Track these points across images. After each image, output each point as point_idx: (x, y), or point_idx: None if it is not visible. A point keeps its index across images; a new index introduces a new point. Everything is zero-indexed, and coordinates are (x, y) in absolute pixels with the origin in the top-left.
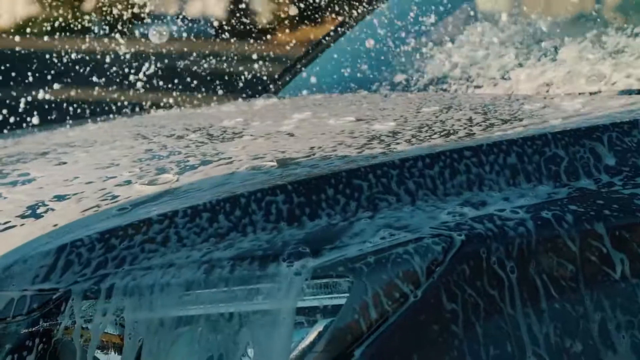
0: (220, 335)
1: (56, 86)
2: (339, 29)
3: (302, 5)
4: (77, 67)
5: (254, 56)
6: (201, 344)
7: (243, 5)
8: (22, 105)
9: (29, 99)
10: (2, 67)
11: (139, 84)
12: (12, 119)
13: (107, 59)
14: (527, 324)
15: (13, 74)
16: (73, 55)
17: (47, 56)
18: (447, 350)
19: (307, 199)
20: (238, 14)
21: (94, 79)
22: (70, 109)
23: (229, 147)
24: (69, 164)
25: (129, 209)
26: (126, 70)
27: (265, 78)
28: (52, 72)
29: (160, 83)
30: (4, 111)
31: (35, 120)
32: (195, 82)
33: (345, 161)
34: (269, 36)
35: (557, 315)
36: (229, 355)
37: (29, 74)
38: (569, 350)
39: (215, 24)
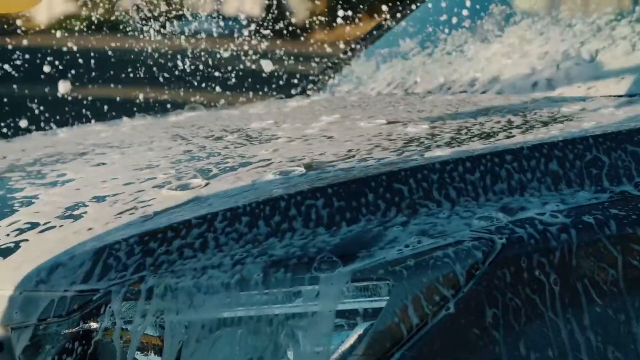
0: (260, 337)
1: (91, 84)
2: (375, 30)
3: (338, 4)
4: (112, 65)
5: (289, 55)
6: (241, 346)
7: (278, 4)
8: (56, 102)
9: (63, 96)
10: (39, 64)
11: (175, 83)
12: (47, 116)
13: (142, 57)
14: (568, 329)
15: (50, 71)
16: (108, 53)
17: (84, 54)
18: (487, 355)
19: (346, 202)
20: (273, 13)
21: (129, 77)
22: (105, 107)
23: (261, 149)
24: (107, 164)
25: (166, 212)
26: (161, 68)
27: (300, 77)
28: (89, 69)
29: (197, 82)
30: (41, 108)
31: (69, 118)
32: (230, 81)
33: (383, 164)
34: (304, 35)
35: (598, 320)
36: (269, 358)
37: (66, 71)
38: (610, 356)
39: (250, 22)
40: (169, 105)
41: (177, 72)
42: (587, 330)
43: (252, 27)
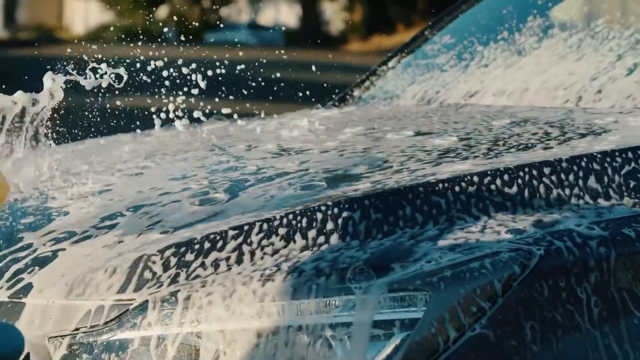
0: (297, 347)
1: (127, 93)
2: (411, 41)
3: (373, 15)
4: (147, 74)
5: (325, 65)
6: (277, 357)
7: (313, 14)
8: (93, 111)
9: (101, 105)
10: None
11: (209, 92)
12: (85, 126)
13: (178, 66)
14: (605, 342)
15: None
16: (144, 63)
17: (120, 63)
18: None
19: (381, 213)
20: (308, 23)
21: (164, 86)
22: (141, 116)
23: (291, 161)
24: (142, 174)
25: (202, 221)
26: (196, 77)
27: (334, 88)
28: (124, 79)
29: (230, 92)
30: (79, 117)
31: (109, 127)
32: (264, 90)
33: (419, 176)
34: (340, 45)
35: (636, 333)
36: None
37: (102, 80)
38: None
39: (286, 32)
40: (200, 116)
41: (210, 82)
42: (624, 343)
43: (287, 37)
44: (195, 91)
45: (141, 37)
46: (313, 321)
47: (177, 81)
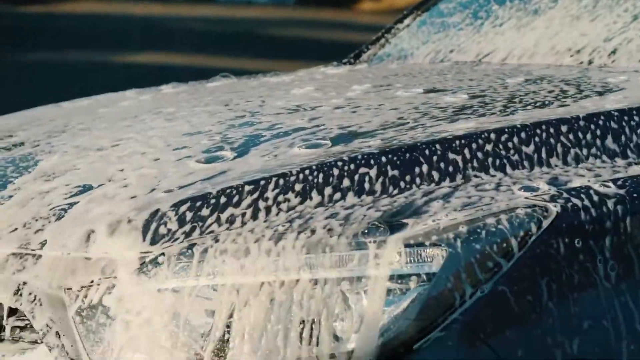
0: (313, 300)
1: (143, 51)
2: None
3: None
4: (160, 32)
5: (338, 24)
6: (294, 309)
7: None
8: (115, 69)
9: (121, 63)
10: (79, 31)
11: (221, 50)
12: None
13: (191, 25)
14: (621, 300)
15: (109, 38)
16: (156, 20)
17: (134, 21)
18: (539, 323)
19: (398, 169)
20: None
21: (176, 43)
22: (155, 73)
23: (301, 118)
24: (156, 130)
25: (215, 176)
26: (208, 35)
27: (348, 46)
28: (140, 36)
29: (243, 49)
30: (103, 75)
31: (129, 84)
32: (276, 48)
33: (428, 134)
34: (353, 3)
35: None
36: (322, 321)
37: (122, 38)
38: None
39: None
40: (208, 73)
41: (224, 39)
42: None
43: None
44: (205, 48)
45: None
46: (328, 276)
47: (189, 38)
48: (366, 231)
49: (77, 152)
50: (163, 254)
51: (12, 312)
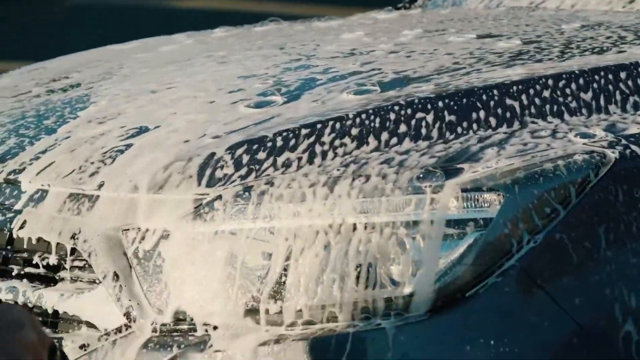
0: (370, 244)
1: None
2: None
3: None
4: None
5: None
6: (351, 252)
7: None
8: (166, 12)
9: (171, 6)
10: None
11: None
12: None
13: None
14: None
15: None
16: None
17: None
18: (597, 271)
19: (454, 113)
20: None
21: None
22: (204, 18)
23: (352, 63)
24: (208, 73)
25: (270, 119)
26: None
27: None
28: None
29: None
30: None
31: (179, 27)
32: None
33: (484, 79)
34: None
35: None
36: (379, 265)
37: None
38: None
39: None
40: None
41: None
42: None
43: None
44: None
45: None
46: (384, 220)
47: None
48: (422, 176)
49: (129, 95)
50: (220, 196)
51: (71, 252)
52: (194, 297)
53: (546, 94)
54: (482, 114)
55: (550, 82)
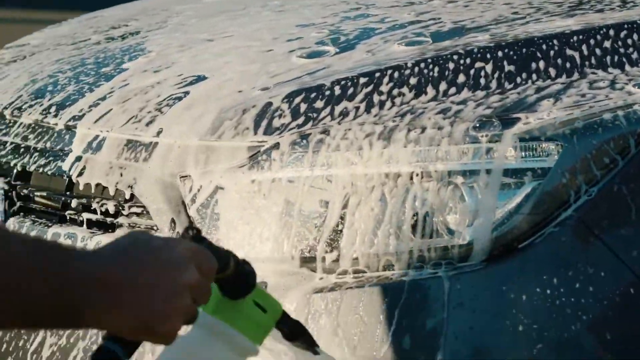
0: (427, 192)
1: None
2: None
3: None
4: None
5: None
6: (407, 200)
7: None
8: None
9: None
10: None
11: None
12: None
13: None
14: None
15: None
16: None
17: None
18: None
19: (512, 63)
20: None
21: None
22: None
23: (406, 13)
24: (262, 22)
25: (325, 68)
26: None
27: None
28: None
29: None
30: None
31: None
32: None
33: (543, 29)
34: None
35: None
36: (436, 213)
37: None
38: None
39: None
40: None
41: None
42: None
43: None
44: None
45: None
46: (443, 168)
47: None
48: (479, 125)
49: (185, 43)
50: (278, 144)
51: (129, 198)
52: (250, 244)
53: (606, 44)
54: (541, 64)
55: (610, 32)
